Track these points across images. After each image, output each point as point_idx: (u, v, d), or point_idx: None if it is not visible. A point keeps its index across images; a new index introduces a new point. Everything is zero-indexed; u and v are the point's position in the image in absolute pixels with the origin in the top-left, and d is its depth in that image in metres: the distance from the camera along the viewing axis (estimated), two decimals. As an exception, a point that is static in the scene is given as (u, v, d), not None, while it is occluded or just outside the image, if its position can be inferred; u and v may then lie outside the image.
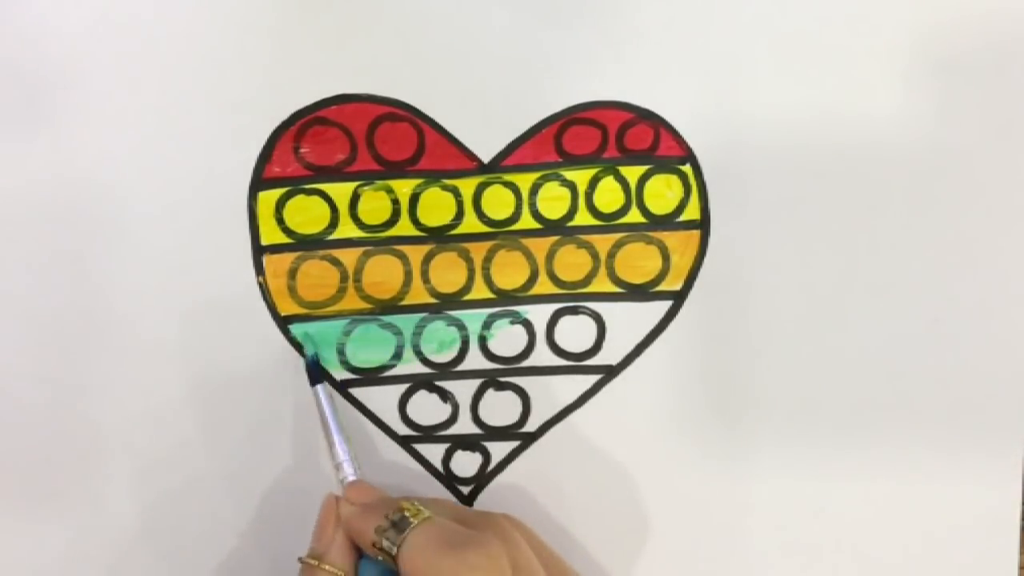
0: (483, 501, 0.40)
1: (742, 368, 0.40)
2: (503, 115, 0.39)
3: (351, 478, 0.37)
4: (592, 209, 0.40)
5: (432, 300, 0.40)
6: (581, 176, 0.40)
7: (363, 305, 0.40)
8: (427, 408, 0.40)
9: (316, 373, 0.38)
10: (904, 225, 0.40)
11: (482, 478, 0.41)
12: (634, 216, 0.40)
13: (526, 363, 0.40)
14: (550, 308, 0.40)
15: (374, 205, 0.39)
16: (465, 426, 0.40)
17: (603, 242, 0.40)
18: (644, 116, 0.39)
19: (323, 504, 0.36)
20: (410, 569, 0.32)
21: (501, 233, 0.40)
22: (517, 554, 0.33)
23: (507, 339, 0.40)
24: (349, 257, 0.39)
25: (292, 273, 0.39)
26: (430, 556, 0.32)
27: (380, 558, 0.33)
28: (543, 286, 0.40)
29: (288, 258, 0.39)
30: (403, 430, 0.40)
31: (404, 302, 0.40)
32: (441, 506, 0.36)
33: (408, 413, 0.40)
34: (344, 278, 0.39)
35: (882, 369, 0.40)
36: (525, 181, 0.40)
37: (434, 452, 0.40)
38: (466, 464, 0.40)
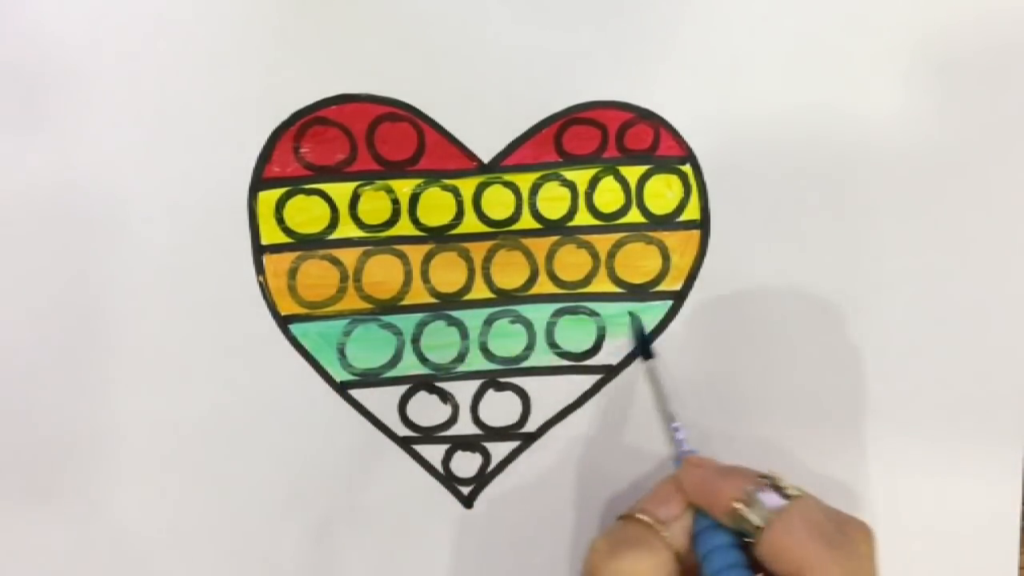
0: (483, 501, 0.40)
1: (741, 368, 0.40)
2: (503, 115, 0.39)
3: (687, 448, 0.36)
4: (592, 209, 0.40)
5: (432, 300, 0.40)
6: (581, 176, 0.40)
7: (363, 305, 0.40)
8: (427, 409, 0.40)
9: (649, 349, 0.39)
10: (904, 225, 0.40)
11: (482, 478, 0.41)
12: (634, 216, 0.40)
13: (526, 363, 0.40)
14: (550, 308, 0.40)
15: (374, 205, 0.39)
16: (465, 427, 0.40)
17: (603, 242, 0.40)
18: (644, 116, 0.39)
19: (674, 476, 0.35)
20: (778, 546, 0.30)
21: (501, 233, 0.40)
22: (876, 571, 0.32)
23: (507, 339, 0.40)
24: (349, 257, 0.39)
25: (292, 273, 0.39)
26: (806, 540, 0.30)
27: (733, 523, 0.32)
28: (543, 286, 0.40)
29: (288, 258, 0.39)
30: (403, 431, 0.40)
31: (404, 302, 0.40)
32: (806, 493, 0.33)
33: (408, 414, 0.40)
34: (344, 278, 0.39)
35: (882, 369, 0.40)
36: (525, 181, 0.40)
37: (434, 453, 0.40)
38: (466, 464, 0.40)
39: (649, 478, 0.40)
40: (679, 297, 0.40)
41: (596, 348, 0.40)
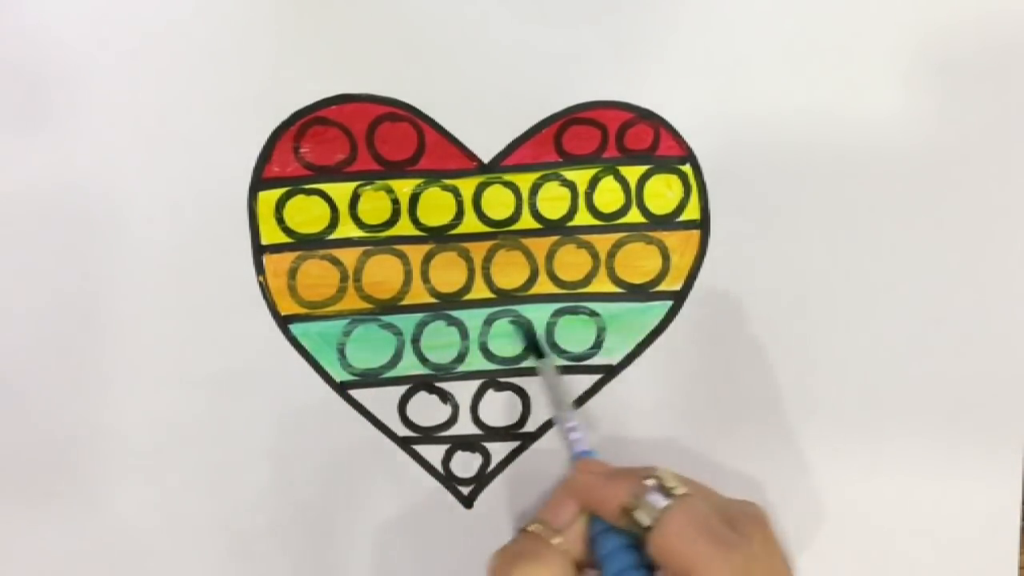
0: (483, 501, 0.40)
1: (742, 368, 0.40)
2: (503, 115, 0.39)
3: (582, 448, 0.36)
4: (592, 209, 0.40)
5: (432, 300, 0.40)
6: (581, 176, 0.40)
7: (363, 305, 0.40)
8: (427, 409, 0.40)
9: (539, 347, 0.39)
10: (904, 225, 0.40)
11: (482, 478, 0.41)
12: (634, 216, 0.40)
13: (526, 363, 0.40)
14: (550, 308, 0.40)
15: (374, 205, 0.39)
16: (465, 427, 0.40)
17: (603, 242, 0.40)
18: (644, 116, 0.40)
19: (566, 483, 0.35)
20: (665, 547, 0.30)
21: (501, 233, 0.40)
22: (775, 561, 0.32)
23: (507, 339, 0.40)
24: (349, 257, 0.39)
25: (292, 273, 0.39)
26: (691, 540, 0.30)
27: (624, 525, 0.32)
28: (543, 286, 0.40)
29: (288, 258, 0.39)
30: (403, 431, 0.40)
31: (404, 302, 0.40)
32: (694, 487, 0.33)
33: (408, 414, 0.40)
34: (344, 278, 0.39)
35: (882, 369, 0.40)
36: (525, 181, 0.40)
37: (434, 453, 0.40)
38: (466, 464, 0.40)
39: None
40: (679, 297, 0.40)
41: (596, 348, 0.40)
